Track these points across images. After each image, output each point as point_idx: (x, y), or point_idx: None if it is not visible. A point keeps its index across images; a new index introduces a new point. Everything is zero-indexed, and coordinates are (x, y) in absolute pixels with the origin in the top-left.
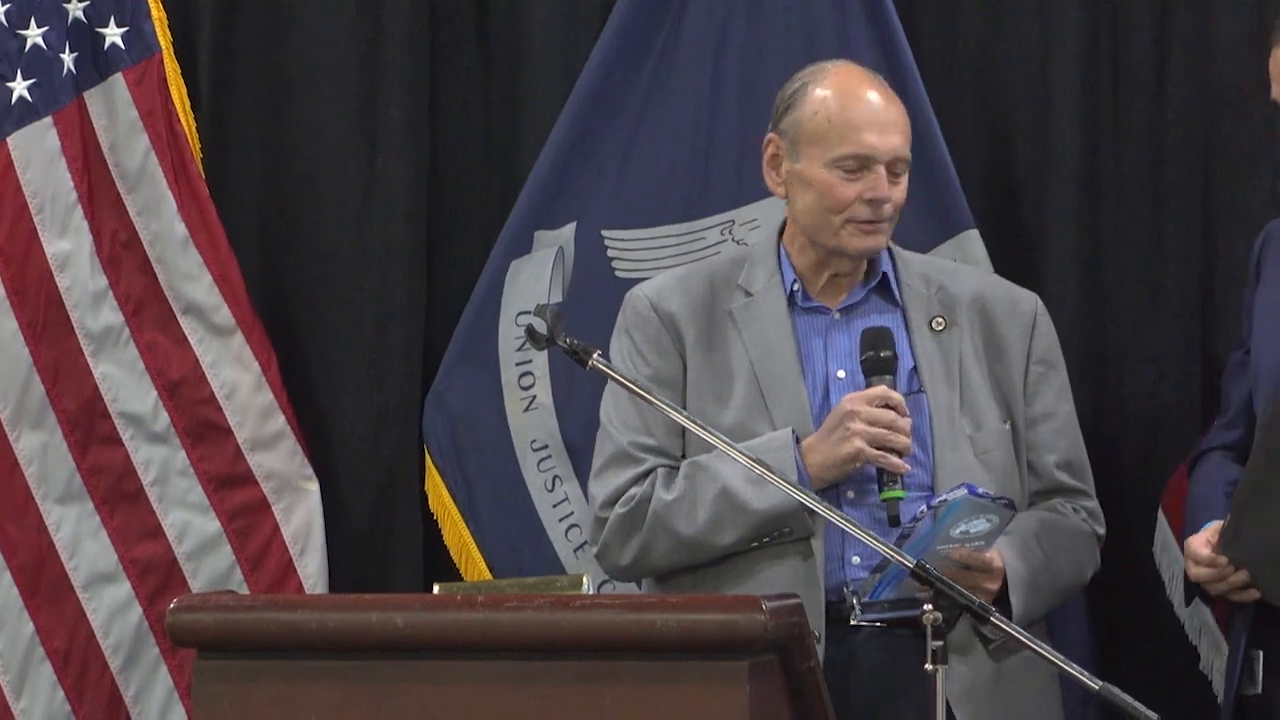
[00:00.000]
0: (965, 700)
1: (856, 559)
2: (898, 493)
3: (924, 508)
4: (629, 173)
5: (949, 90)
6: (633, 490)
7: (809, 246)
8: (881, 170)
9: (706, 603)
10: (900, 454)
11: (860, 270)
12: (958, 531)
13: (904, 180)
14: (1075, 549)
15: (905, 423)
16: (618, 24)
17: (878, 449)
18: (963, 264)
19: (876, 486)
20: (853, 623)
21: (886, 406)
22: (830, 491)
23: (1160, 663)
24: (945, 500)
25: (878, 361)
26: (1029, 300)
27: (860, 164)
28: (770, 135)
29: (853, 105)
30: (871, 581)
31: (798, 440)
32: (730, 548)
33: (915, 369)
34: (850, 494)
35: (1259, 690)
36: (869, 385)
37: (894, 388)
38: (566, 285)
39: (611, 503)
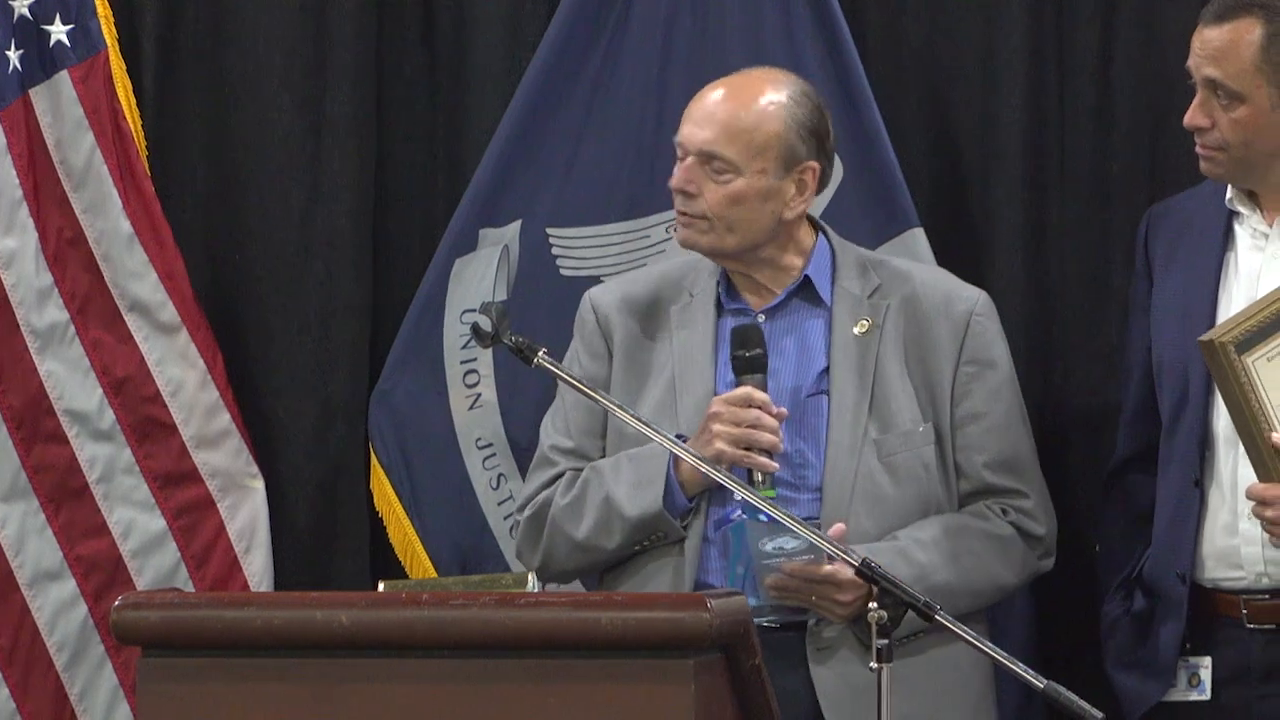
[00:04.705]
0: (838, 706)
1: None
2: (767, 493)
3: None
4: (574, 171)
5: (894, 87)
6: (542, 494)
7: None
8: (688, 161)
9: (652, 601)
10: (771, 452)
11: (776, 273)
12: (771, 548)
13: (726, 184)
14: (987, 551)
15: (772, 421)
16: (563, 22)
17: (745, 449)
18: (914, 262)
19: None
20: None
21: (752, 406)
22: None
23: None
24: (730, 523)
25: (746, 360)
26: (967, 300)
27: (681, 153)
28: None
29: (695, 99)
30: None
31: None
32: (617, 551)
33: (827, 370)
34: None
35: (1207, 696)
36: (738, 384)
37: (764, 386)
38: (511, 283)
39: (523, 507)
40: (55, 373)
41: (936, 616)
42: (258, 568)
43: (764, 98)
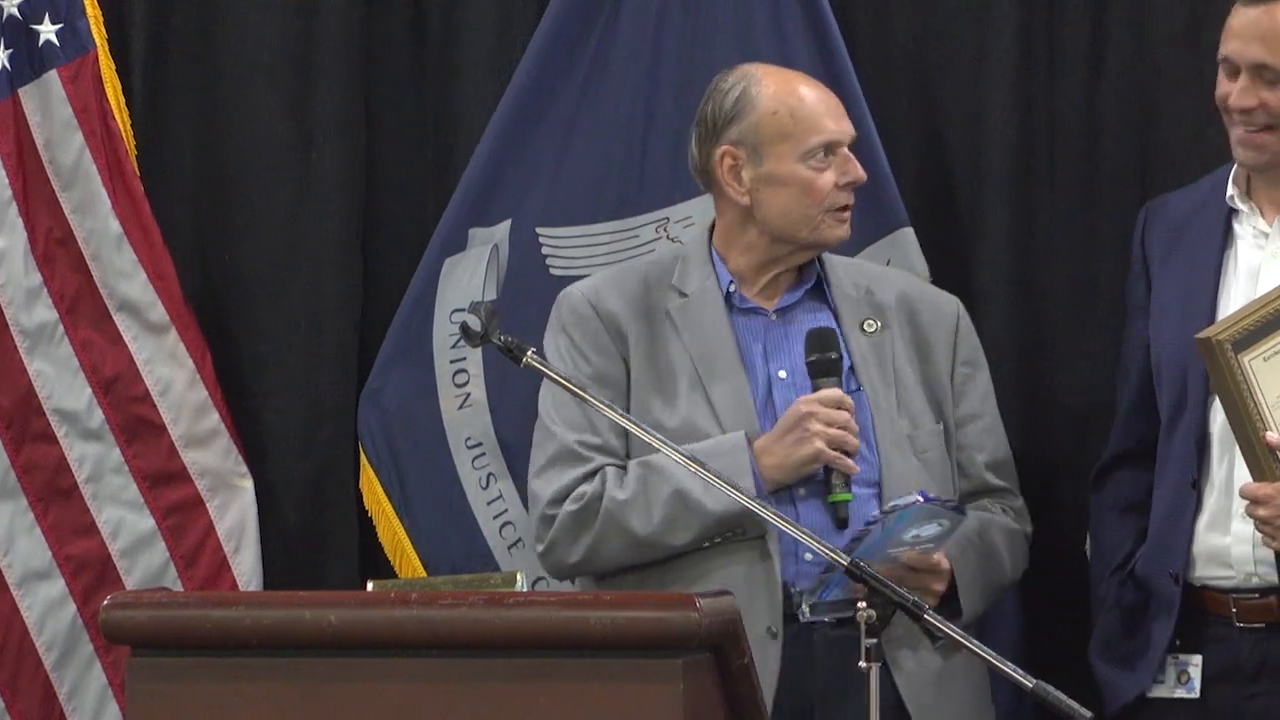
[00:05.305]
0: (917, 695)
1: (809, 555)
2: (846, 495)
3: (877, 512)
4: (564, 170)
5: (884, 86)
6: (583, 488)
7: (757, 247)
8: (847, 153)
9: (641, 600)
10: (850, 455)
11: (796, 271)
12: (909, 536)
13: None
14: (1007, 548)
15: (855, 425)
16: (553, 21)
17: (834, 450)
18: (885, 267)
19: (824, 486)
20: (801, 619)
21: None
22: (782, 490)
23: None
24: (899, 505)
25: (827, 363)
26: (951, 302)
27: (828, 151)
28: (724, 148)
29: (806, 97)
30: (822, 580)
31: (748, 442)
32: (683, 548)
33: (852, 368)
34: (801, 491)
35: (1196, 694)
36: (816, 386)
37: (841, 388)
38: (501, 282)
39: (560, 500)
40: (44, 372)
41: (925, 616)
42: (247, 567)
43: None
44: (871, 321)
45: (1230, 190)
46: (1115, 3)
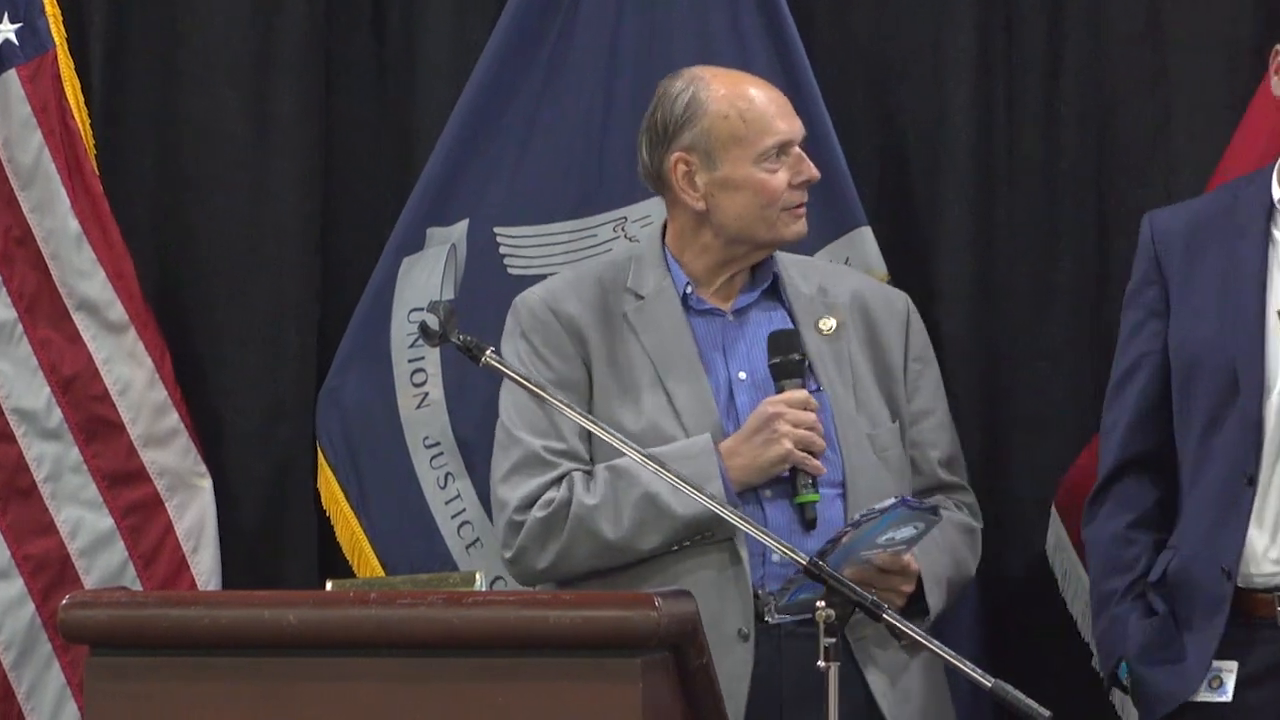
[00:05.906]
0: (888, 694)
1: (777, 557)
2: (813, 496)
3: (858, 515)
4: (522, 169)
5: (842, 85)
6: (550, 494)
7: (712, 249)
8: (799, 151)
9: (600, 600)
10: (817, 456)
11: (750, 271)
12: (884, 539)
13: None
14: (965, 544)
15: (820, 426)
16: (511, 19)
17: (802, 451)
18: (835, 264)
19: (791, 487)
20: (768, 620)
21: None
22: (748, 491)
23: (1051, 660)
24: (878, 509)
25: (790, 365)
26: (901, 299)
27: (781, 151)
28: (677, 155)
29: (756, 99)
30: (791, 582)
31: (715, 444)
32: (651, 552)
33: (810, 368)
34: (768, 493)
35: (1228, 698)
36: (780, 388)
37: (805, 389)
38: (459, 282)
39: (528, 505)
40: (3, 371)
41: (885, 616)
42: (205, 567)
43: None
44: (828, 320)
45: (1277, 193)
46: (1072, 1)
